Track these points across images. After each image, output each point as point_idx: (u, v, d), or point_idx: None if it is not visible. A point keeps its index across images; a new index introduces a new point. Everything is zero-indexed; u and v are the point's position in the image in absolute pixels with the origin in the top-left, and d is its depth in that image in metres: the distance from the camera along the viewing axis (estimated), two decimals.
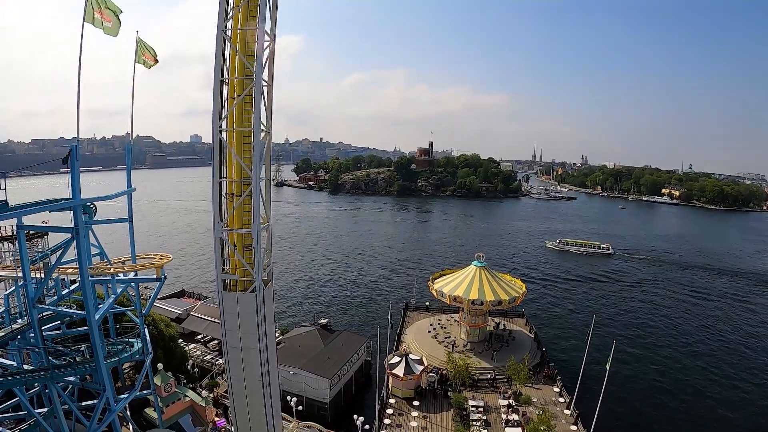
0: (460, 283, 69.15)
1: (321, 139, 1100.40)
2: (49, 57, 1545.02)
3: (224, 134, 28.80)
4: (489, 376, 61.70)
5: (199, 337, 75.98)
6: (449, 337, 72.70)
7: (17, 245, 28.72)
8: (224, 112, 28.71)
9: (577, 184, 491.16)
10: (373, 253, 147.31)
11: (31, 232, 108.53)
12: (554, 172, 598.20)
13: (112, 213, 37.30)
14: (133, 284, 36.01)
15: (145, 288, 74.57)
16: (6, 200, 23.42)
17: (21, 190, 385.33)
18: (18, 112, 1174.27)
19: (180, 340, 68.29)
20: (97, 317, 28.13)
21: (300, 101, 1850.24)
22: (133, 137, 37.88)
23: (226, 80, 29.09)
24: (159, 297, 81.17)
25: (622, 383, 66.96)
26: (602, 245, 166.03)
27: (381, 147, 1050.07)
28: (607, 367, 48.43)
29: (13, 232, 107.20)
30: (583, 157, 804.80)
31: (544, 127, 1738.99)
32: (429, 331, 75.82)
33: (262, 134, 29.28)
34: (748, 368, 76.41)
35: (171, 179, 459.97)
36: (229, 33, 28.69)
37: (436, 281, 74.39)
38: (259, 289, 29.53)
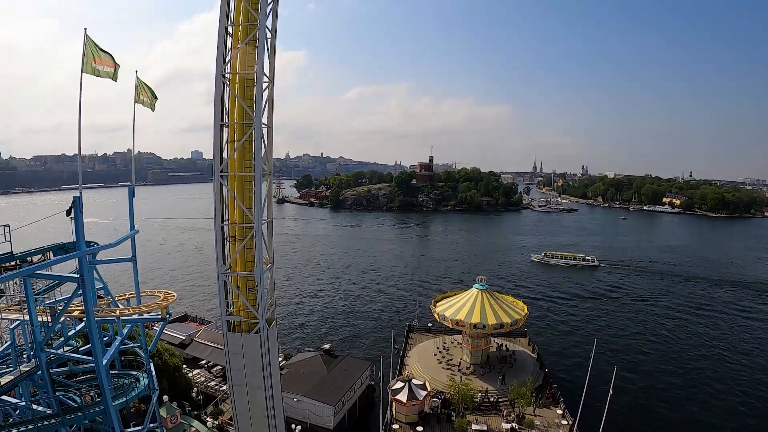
0: (461, 306, 69.55)
1: (322, 154, 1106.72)
2: (52, 73, 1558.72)
3: (226, 177, 29.50)
4: (492, 399, 61.90)
5: (203, 362, 76.29)
6: (452, 360, 72.94)
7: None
8: (225, 156, 29.44)
9: (578, 195, 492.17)
10: (375, 273, 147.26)
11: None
12: (555, 184, 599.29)
13: (116, 231, 37.84)
14: (138, 323, 36.56)
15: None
16: (11, 251, 24.00)
17: (23, 207, 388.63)
18: (20, 128, 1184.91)
19: (184, 365, 68.87)
20: (105, 362, 28.66)
21: (302, 116, 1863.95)
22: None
23: (226, 124, 29.84)
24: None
25: (627, 405, 66.87)
26: (587, 257, 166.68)
27: (382, 161, 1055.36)
28: (610, 392, 48.76)
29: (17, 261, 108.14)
30: (583, 168, 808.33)
31: (544, 138, 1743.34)
32: (432, 354, 76.02)
33: (264, 174, 30.00)
34: (749, 385, 76.24)
35: (172, 196, 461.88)
36: (227, 76, 29.46)
37: (438, 304, 74.78)
38: (263, 330, 30.10)
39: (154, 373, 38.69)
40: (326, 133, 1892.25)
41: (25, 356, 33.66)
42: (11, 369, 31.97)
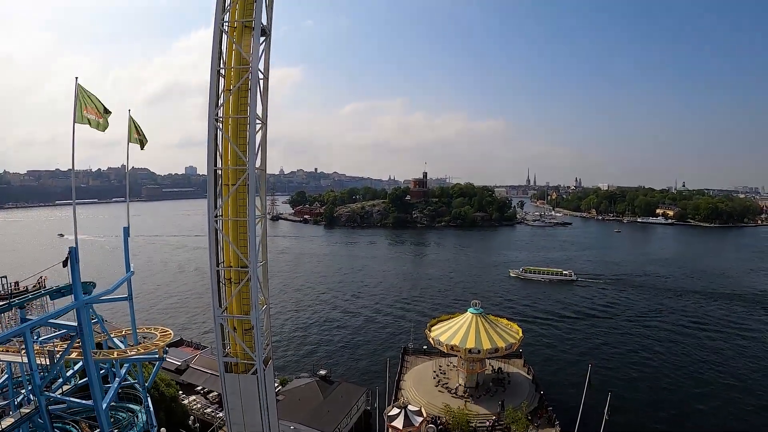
0: (456, 331, 70.10)
1: (316, 169, 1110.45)
2: (48, 86, 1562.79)
3: (220, 223, 30.15)
4: (488, 423, 62.28)
5: (199, 388, 76.40)
6: (448, 384, 73.32)
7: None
8: (219, 202, 30.14)
9: (571, 208, 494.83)
10: (370, 294, 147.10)
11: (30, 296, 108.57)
12: (548, 197, 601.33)
13: (110, 250, 38.10)
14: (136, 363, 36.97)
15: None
16: (9, 301, 24.48)
17: (15, 222, 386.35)
18: (15, 141, 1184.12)
19: (180, 392, 69.02)
20: (104, 406, 29.10)
21: (297, 131, 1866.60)
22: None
23: (220, 169, 30.55)
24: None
25: (623, 423, 67.18)
26: (565, 272, 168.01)
27: (376, 176, 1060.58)
28: (605, 417, 49.31)
29: (10, 292, 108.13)
30: (576, 180, 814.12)
31: (537, 150, 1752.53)
32: (428, 378, 76.38)
33: (258, 218, 30.64)
34: (743, 403, 76.80)
35: (166, 212, 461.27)
36: (221, 123, 30.22)
37: (433, 329, 75.24)
38: (260, 371, 30.65)
39: (152, 410, 39.01)
40: (321, 147, 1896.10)
41: (23, 391, 34.07)
42: (9, 401, 32.43)
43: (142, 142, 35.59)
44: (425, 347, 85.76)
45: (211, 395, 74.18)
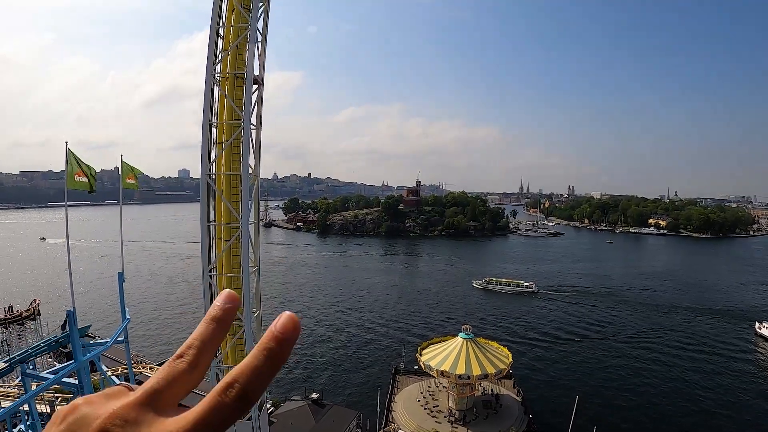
0: (446, 356, 70.97)
1: (309, 174, 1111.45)
2: (44, 88, 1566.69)
3: (214, 278, 30.88)
4: None
5: None
6: (437, 406, 74.17)
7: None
8: (213, 258, 30.89)
9: (564, 217, 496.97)
10: (362, 309, 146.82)
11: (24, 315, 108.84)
12: (542, 205, 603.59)
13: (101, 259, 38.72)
14: None
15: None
16: (10, 363, 25.13)
17: (8, 224, 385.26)
18: (8, 143, 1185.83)
19: None
20: None
21: (293, 136, 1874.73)
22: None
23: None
24: (156, 364, 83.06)
25: None
26: (526, 284, 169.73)
27: (369, 182, 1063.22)
28: None
29: (5, 314, 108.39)
30: (569, 188, 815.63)
31: (531, 156, 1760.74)
32: (418, 399, 77.19)
33: (252, 269, 31.46)
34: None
35: (159, 217, 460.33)
36: (213, 176, 31.00)
37: (424, 352, 76.17)
38: (254, 416, 31.36)
39: None
40: (315, 153, 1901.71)
41: None
42: None
43: (137, 185, 36.22)
44: (416, 367, 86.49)
45: None
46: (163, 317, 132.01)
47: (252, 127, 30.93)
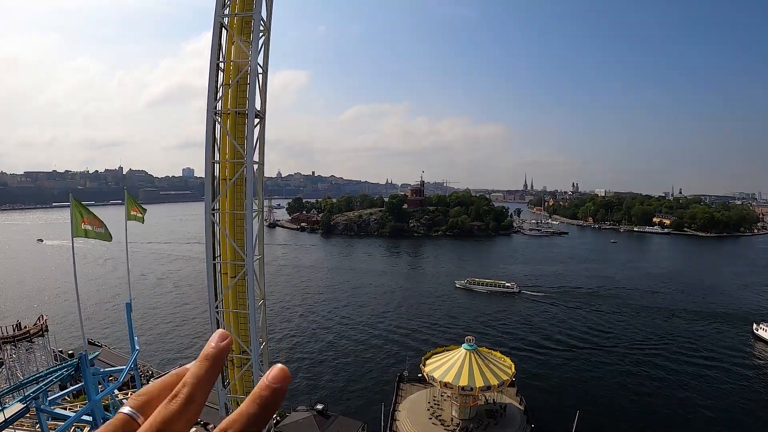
0: (450, 367, 71.51)
1: (313, 172, 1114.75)
2: (51, 87, 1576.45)
3: (221, 313, 31.52)
4: None
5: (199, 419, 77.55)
6: (441, 415, 74.77)
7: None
8: (219, 294, 31.51)
9: (568, 216, 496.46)
10: (366, 314, 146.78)
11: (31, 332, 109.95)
12: (546, 203, 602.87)
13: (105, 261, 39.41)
14: None
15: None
16: (26, 404, 25.87)
17: (12, 225, 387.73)
18: (14, 142, 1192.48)
19: None
20: None
21: (298, 134, 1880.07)
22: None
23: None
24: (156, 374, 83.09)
25: None
26: (508, 284, 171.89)
27: (374, 179, 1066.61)
28: None
29: (14, 331, 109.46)
30: (574, 185, 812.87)
31: (535, 154, 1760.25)
32: (422, 408, 77.75)
33: (258, 303, 32.08)
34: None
35: (163, 217, 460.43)
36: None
37: (427, 363, 76.65)
38: None
39: None
40: (320, 151, 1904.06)
41: None
42: None
43: (142, 218, 36.95)
44: (420, 375, 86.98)
45: (210, 426, 75.44)
46: (169, 325, 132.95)
47: (255, 163, 31.46)
